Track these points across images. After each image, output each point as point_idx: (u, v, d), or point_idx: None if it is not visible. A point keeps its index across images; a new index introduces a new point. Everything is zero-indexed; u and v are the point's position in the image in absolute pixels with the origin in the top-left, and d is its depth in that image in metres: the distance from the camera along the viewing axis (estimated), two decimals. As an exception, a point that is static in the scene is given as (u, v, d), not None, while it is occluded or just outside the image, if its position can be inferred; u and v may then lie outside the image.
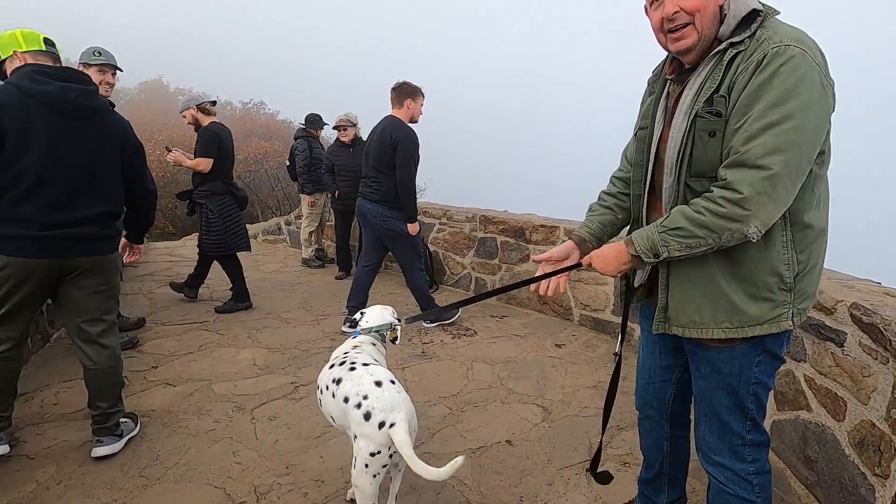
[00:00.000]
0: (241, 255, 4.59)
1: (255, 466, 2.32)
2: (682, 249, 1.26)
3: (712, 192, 1.24)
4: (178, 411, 2.79)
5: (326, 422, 1.95)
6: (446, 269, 5.58)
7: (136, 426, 2.52)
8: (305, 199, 6.31)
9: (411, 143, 3.72)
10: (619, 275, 1.47)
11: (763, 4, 1.27)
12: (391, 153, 3.70)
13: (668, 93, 1.44)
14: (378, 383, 1.68)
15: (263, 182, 22.16)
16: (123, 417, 2.47)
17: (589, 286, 4.28)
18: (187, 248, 7.27)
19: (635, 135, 1.56)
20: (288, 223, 7.93)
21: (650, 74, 1.57)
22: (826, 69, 1.19)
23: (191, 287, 4.74)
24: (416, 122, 3.94)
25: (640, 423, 1.83)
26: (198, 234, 4.60)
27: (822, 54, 1.20)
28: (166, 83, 43.48)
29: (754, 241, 1.21)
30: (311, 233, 6.49)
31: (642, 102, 1.58)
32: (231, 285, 4.58)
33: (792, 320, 1.31)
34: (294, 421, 2.71)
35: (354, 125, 5.75)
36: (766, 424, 2.51)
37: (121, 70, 3.39)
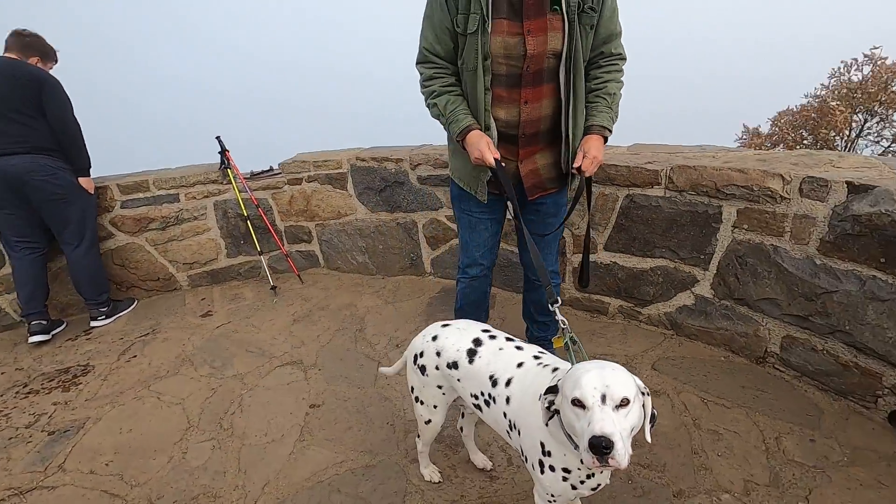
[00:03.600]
0: None
1: None
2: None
3: (617, 65, 1.80)
4: None
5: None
6: None
7: None
8: None
9: (57, 81, 3.00)
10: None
11: None
12: (35, 93, 2.89)
13: None
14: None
15: None
16: None
17: (187, 241, 3.62)
18: None
19: (467, 33, 1.63)
20: None
21: None
22: None
23: None
24: None
25: (469, 286, 2.18)
26: None
27: None
28: None
29: None
30: None
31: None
32: None
33: None
34: None
35: None
36: (427, 265, 3.42)
37: None
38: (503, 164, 1.75)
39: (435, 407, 1.59)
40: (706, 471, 1.76)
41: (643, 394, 1.08)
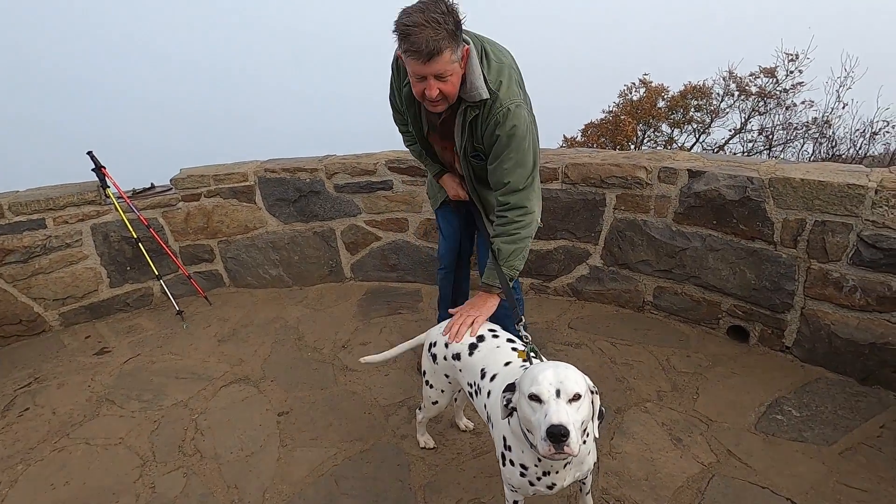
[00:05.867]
0: None
1: None
2: (524, 259, 1.84)
3: (507, 216, 1.78)
4: None
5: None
6: None
7: None
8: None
9: None
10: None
11: (488, 88, 1.65)
12: None
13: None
14: None
15: None
16: None
17: (57, 273, 3.11)
18: None
19: (407, 129, 1.97)
20: None
21: (396, 69, 1.81)
22: (529, 104, 1.74)
23: None
24: None
25: (444, 278, 2.40)
26: None
27: (523, 91, 1.74)
28: None
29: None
30: None
31: (396, 91, 1.87)
32: None
33: None
34: None
35: None
36: (348, 270, 3.54)
37: None
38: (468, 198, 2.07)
39: (442, 391, 1.78)
40: (631, 391, 2.31)
41: (592, 392, 1.21)
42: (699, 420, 2.12)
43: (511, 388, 1.26)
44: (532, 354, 1.47)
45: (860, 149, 8.22)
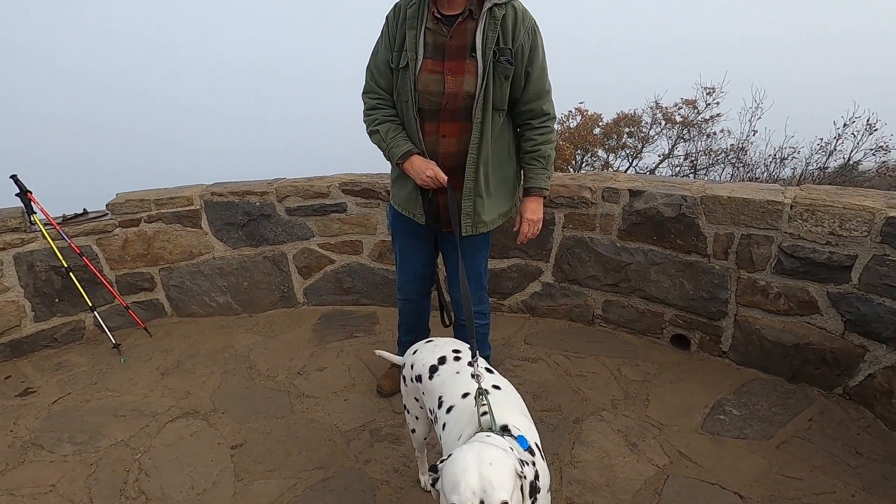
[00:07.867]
0: None
1: None
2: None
3: (548, 125, 1.96)
4: None
5: None
6: None
7: None
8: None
9: None
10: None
11: None
12: None
13: (429, 29, 1.80)
14: None
15: None
16: None
17: (-28, 307, 2.82)
18: None
19: (399, 66, 1.83)
20: None
21: (393, 10, 1.86)
22: None
23: None
24: None
25: (404, 306, 2.36)
26: None
27: None
28: None
29: None
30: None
31: (390, 35, 1.85)
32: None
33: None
34: None
35: None
36: (300, 295, 3.46)
37: None
38: (443, 187, 1.89)
39: (417, 418, 1.69)
40: (587, 401, 2.39)
41: (521, 477, 1.07)
42: (651, 425, 2.22)
43: (434, 469, 1.13)
44: (482, 399, 1.29)
45: (773, 173, 9.08)
